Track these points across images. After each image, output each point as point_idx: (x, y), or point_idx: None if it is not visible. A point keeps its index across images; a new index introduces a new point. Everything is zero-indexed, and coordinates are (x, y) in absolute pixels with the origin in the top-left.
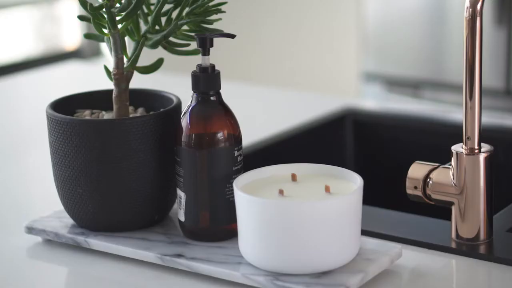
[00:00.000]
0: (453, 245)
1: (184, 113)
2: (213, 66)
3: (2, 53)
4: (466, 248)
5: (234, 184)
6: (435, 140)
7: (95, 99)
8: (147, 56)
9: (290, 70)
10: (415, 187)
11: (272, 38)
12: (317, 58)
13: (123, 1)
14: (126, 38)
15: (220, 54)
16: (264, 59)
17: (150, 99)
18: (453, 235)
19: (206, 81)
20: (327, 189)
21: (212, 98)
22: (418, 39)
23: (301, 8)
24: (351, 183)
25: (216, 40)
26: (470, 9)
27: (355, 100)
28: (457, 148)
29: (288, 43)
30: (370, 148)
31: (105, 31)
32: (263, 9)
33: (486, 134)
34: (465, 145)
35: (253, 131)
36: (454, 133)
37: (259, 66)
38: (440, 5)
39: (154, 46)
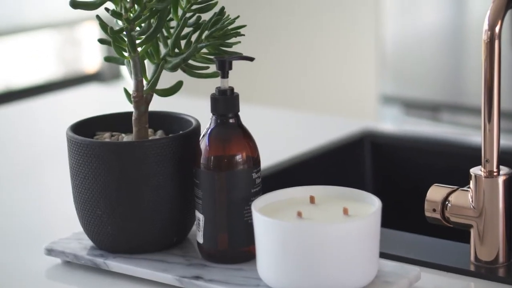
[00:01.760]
0: (472, 268)
1: (203, 135)
2: (232, 89)
3: (23, 76)
4: (484, 271)
5: (252, 206)
6: (454, 163)
7: (114, 122)
8: (167, 79)
9: (308, 93)
10: (434, 210)
11: (291, 60)
12: (335, 81)
13: (143, 25)
14: (146, 61)
15: (239, 77)
16: (282, 81)
17: (169, 122)
18: (472, 258)
19: (225, 103)
20: (345, 211)
21: (231, 120)
22: (436, 62)
23: (319, 31)
24: (370, 206)
25: (235, 63)
26: (489, 32)
27: (373, 122)
28: (475, 170)
29: (306, 65)
30: (388, 171)
31: (125, 54)
32: (280, 32)
33: (505, 157)
34: (484, 168)
35: (272, 154)
36: (472, 155)
37: (277, 88)
38: (458, 28)
39: (173, 69)
